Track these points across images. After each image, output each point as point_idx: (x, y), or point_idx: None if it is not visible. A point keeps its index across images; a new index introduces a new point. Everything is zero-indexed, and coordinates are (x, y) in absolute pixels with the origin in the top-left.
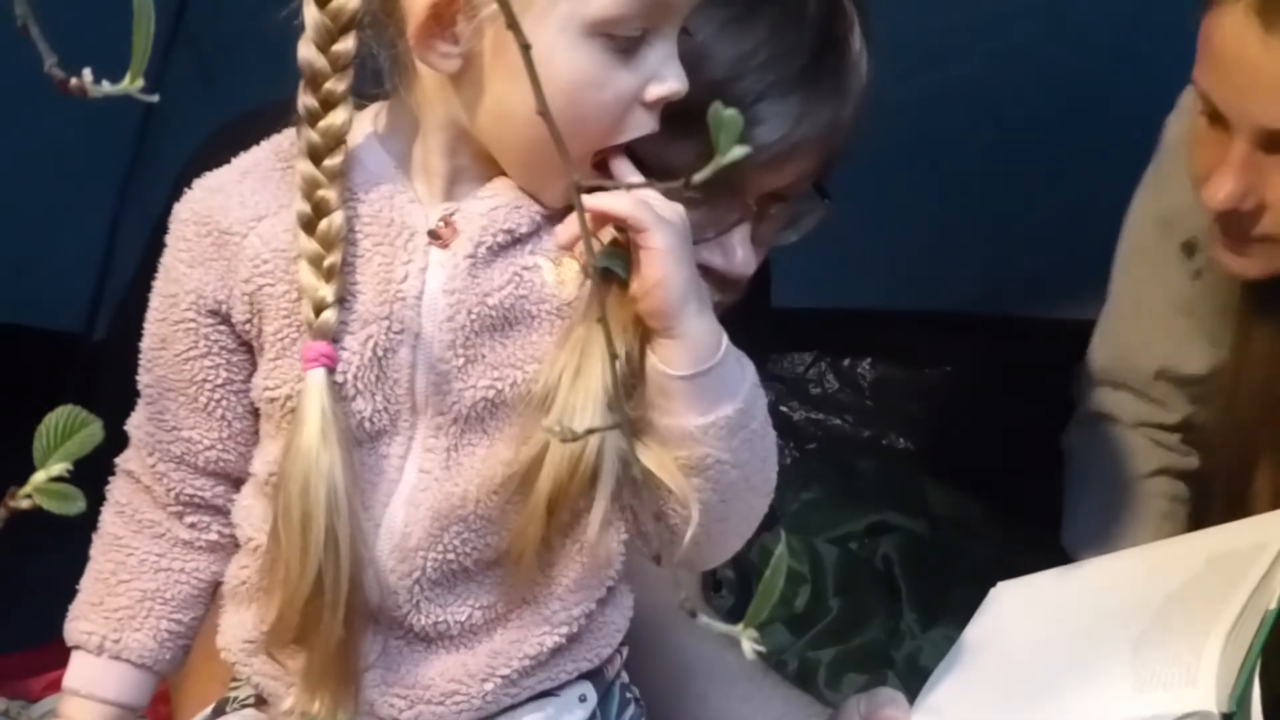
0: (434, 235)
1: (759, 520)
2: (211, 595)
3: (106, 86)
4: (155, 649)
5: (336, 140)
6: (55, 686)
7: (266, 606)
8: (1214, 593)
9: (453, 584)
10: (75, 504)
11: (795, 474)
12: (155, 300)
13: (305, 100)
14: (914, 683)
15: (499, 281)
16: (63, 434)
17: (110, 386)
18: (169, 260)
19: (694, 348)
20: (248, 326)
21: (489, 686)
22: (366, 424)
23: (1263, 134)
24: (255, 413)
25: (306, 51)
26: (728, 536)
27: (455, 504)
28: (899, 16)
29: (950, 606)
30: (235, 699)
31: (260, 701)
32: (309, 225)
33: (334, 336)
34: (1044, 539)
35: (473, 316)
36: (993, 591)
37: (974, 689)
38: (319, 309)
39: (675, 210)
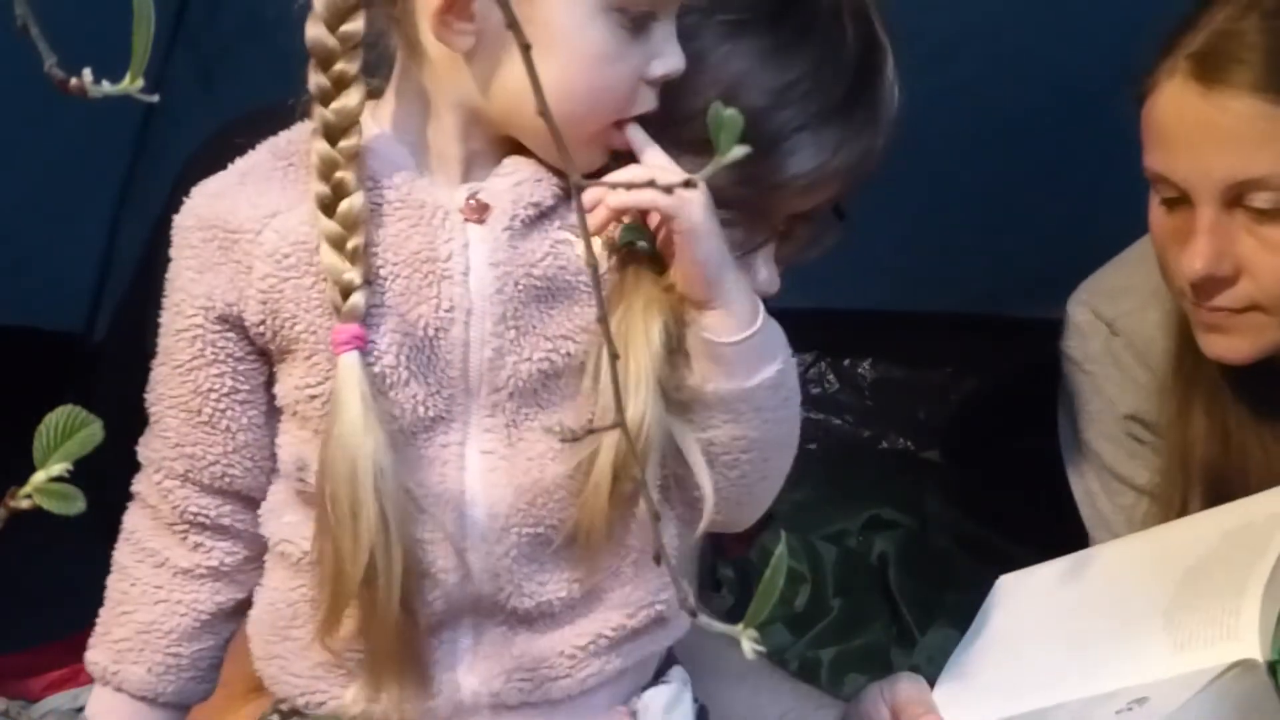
0: (467, 212)
1: (785, 475)
2: (221, 626)
3: (106, 86)
4: (153, 682)
5: (350, 120)
6: (55, 686)
7: (318, 601)
8: (1240, 558)
9: (543, 559)
10: (75, 504)
11: (792, 473)
12: (163, 315)
13: (316, 80)
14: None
15: (540, 253)
16: (63, 434)
17: (108, 387)
18: (173, 271)
19: (739, 313)
20: (261, 329)
21: (608, 644)
22: (420, 409)
23: (1226, 191)
24: (262, 425)
25: (316, 31)
26: (766, 494)
27: (535, 476)
28: (900, 18)
29: (945, 607)
30: None
31: None
32: (328, 207)
33: (375, 320)
34: (1043, 541)
35: (520, 288)
36: (997, 584)
37: (999, 671)
38: (346, 292)
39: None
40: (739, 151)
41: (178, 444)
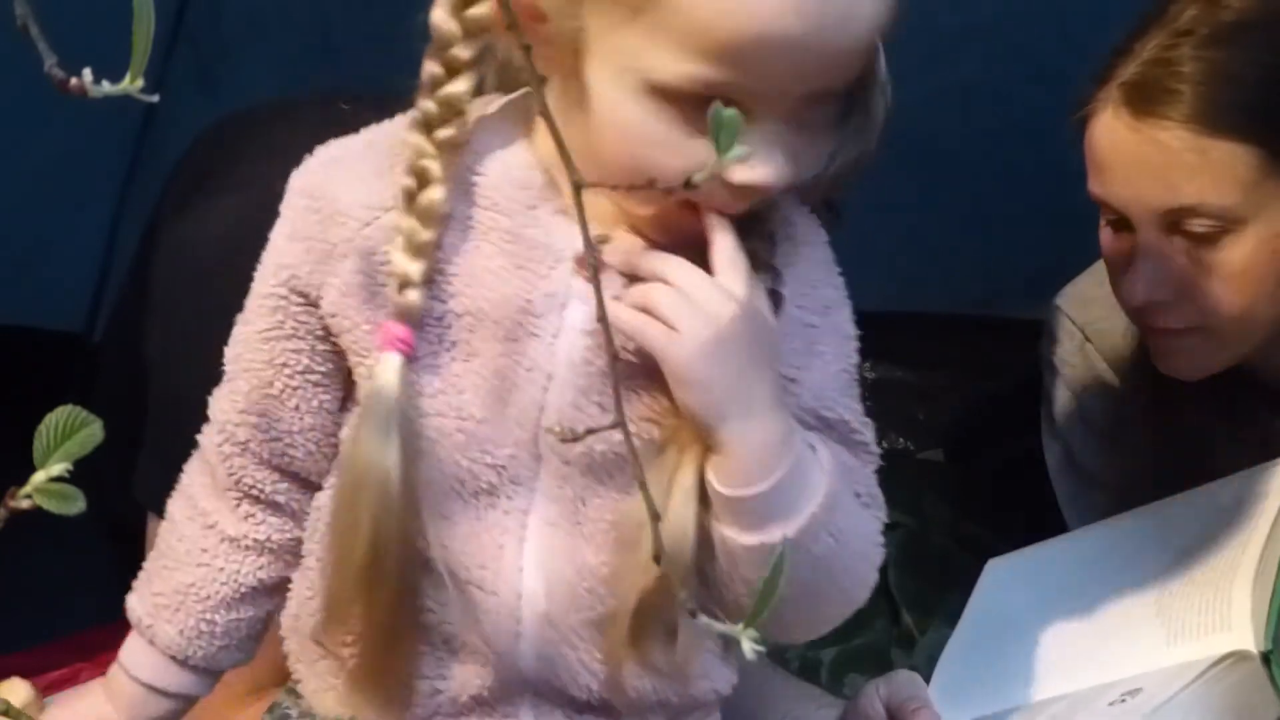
0: (580, 264)
1: (850, 603)
2: (261, 600)
3: (106, 86)
4: (183, 644)
5: (453, 110)
6: (55, 686)
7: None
8: (1230, 540)
9: (600, 648)
10: (75, 504)
11: None
12: (257, 272)
13: (430, 68)
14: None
15: None
16: (63, 434)
17: (105, 388)
18: (273, 231)
19: (737, 467)
20: (330, 322)
21: None
22: (488, 458)
23: (1161, 217)
24: (334, 411)
25: (439, 14)
26: (802, 631)
27: (596, 565)
28: (900, 17)
29: (945, 607)
30: None
31: None
32: (410, 199)
33: (462, 354)
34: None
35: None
36: (987, 569)
37: (992, 663)
38: (402, 285)
39: (717, 303)
40: (739, 151)
41: (245, 410)
